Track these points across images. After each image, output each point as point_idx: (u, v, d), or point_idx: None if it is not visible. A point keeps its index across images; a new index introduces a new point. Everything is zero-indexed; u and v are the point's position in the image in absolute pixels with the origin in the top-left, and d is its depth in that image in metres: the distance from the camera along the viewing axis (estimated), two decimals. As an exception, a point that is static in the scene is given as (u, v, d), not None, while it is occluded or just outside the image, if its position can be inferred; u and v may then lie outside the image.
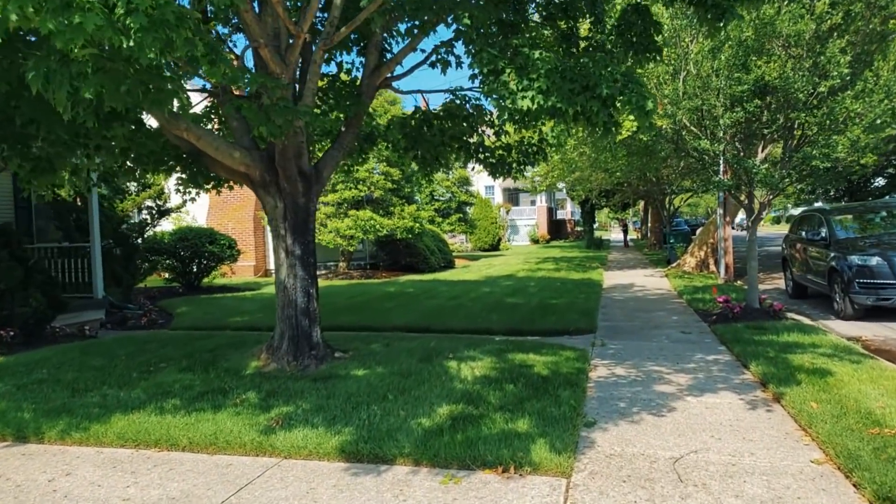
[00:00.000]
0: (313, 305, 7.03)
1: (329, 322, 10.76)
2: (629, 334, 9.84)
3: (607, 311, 12.14)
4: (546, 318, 10.82)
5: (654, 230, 36.90)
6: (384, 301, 13.51)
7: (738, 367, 7.47)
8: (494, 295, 14.29)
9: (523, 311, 11.64)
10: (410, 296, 14.44)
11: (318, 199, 7.30)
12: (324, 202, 19.15)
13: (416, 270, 21.57)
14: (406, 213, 19.16)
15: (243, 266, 21.58)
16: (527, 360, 7.32)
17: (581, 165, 24.01)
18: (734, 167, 10.31)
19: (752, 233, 11.18)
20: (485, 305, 12.53)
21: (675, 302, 13.47)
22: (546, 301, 13.09)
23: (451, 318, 10.97)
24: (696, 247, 19.86)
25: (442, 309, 12.14)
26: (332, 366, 6.88)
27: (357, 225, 18.29)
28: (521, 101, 5.77)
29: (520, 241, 50.55)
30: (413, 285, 16.90)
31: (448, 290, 15.66)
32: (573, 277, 18.84)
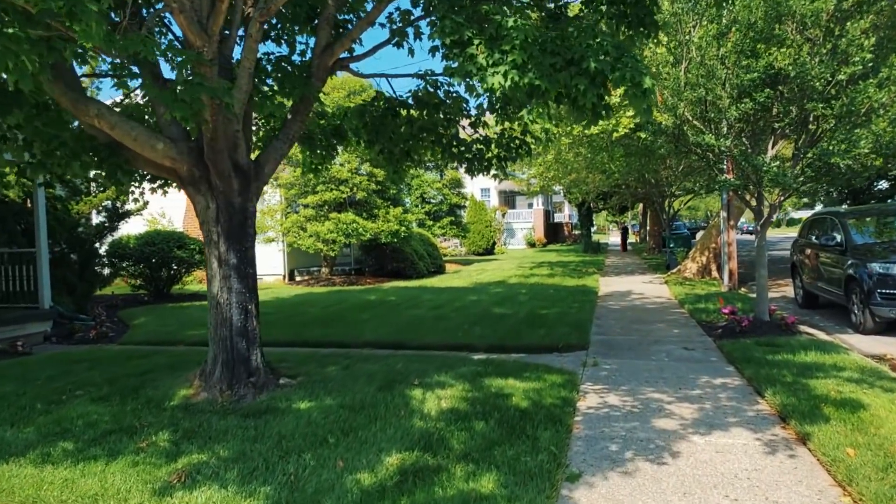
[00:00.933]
0: (252, 324, 5.98)
1: (292, 337, 9.73)
2: (625, 351, 8.79)
3: (602, 323, 11.08)
4: (534, 332, 9.76)
5: (654, 234, 35.87)
6: (360, 311, 12.45)
7: (750, 395, 6.42)
8: (481, 304, 13.23)
9: (510, 324, 10.59)
10: (390, 305, 13.39)
11: (258, 198, 6.24)
12: (304, 204, 18.11)
13: (404, 276, 20.52)
14: (391, 216, 18.12)
15: (221, 272, 20.50)
16: (505, 388, 6.26)
17: (577, 166, 22.99)
18: (741, 165, 9.27)
19: (760, 237, 10.14)
20: (469, 317, 11.48)
21: (676, 312, 12.42)
22: (536, 311, 12.03)
23: (429, 332, 9.92)
24: (698, 252, 18.82)
25: (421, 321, 11.08)
26: (272, 396, 5.82)
27: (338, 228, 17.24)
28: (491, 79, 4.73)
29: (516, 245, 49.52)
30: (396, 293, 15.84)
31: (432, 298, 14.61)
32: (567, 284, 17.79)
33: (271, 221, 18.15)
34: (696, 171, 15.92)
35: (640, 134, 14.98)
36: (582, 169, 22.45)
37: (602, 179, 25.57)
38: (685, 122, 9.75)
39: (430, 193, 27.58)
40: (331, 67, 6.32)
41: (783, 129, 9.53)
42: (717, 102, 9.13)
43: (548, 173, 23.71)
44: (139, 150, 5.60)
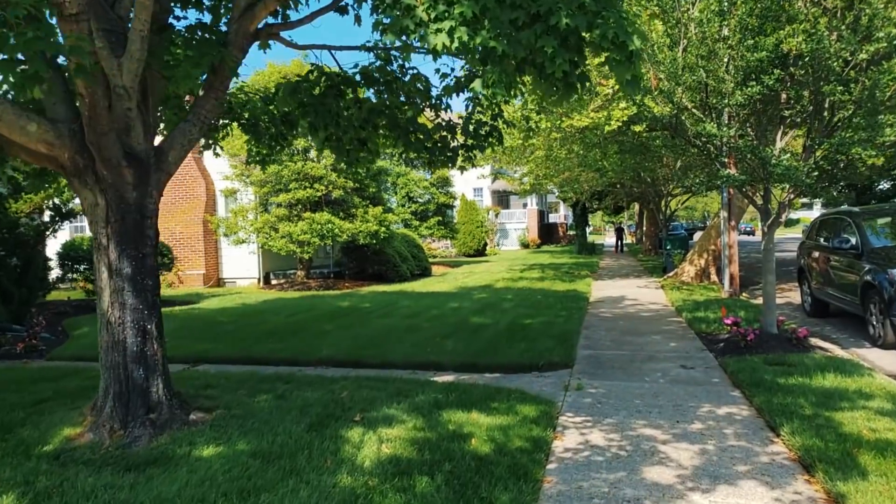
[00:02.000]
0: (152, 347, 4.86)
1: (238, 353, 8.61)
2: (615, 370, 7.69)
3: (591, 335, 9.98)
4: (513, 347, 8.65)
5: (650, 235, 34.81)
6: (327, 321, 11.33)
7: (762, 431, 5.32)
8: (460, 312, 12.12)
9: (487, 336, 9.48)
10: (362, 313, 12.27)
11: (160, 192, 5.11)
12: (276, 203, 16.98)
13: (385, 280, 19.40)
14: (370, 216, 16.99)
15: (192, 275, 19.39)
16: (466, 425, 5.15)
17: (569, 164, 21.89)
18: (747, 158, 8.18)
19: (767, 240, 9.04)
20: (444, 327, 10.37)
21: (673, 321, 11.33)
22: (519, 321, 10.93)
23: (395, 347, 8.80)
24: (696, 254, 17.74)
25: (390, 332, 9.97)
26: (174, 438, 4.70)
27: (312, 229, 16.11)
28: (433, 38, 3.64)
29: (509, 246, 48.42)
30: (372, 299, 14.72)
31: (410, 305, 13.49)
32: (557, 289, 16.68)
33: (243, 222, 17.03)
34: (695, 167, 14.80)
35: (634, 127, 13.91)
36: (574, 167, 21.35)
37: (595, 178, 24.48)
38: (683, 111, 8.65)
39: (417, 192, 26.42)
40: (255, 35, 5.20)
41: (793, 118, 8.44)
42: (719, 87, 8.03)
43: (538, 171, 22.61)
44: (6, 133, 4.49)
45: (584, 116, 15.20)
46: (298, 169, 16.36)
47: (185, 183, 19.50)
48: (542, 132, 16.25)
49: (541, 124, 15.74)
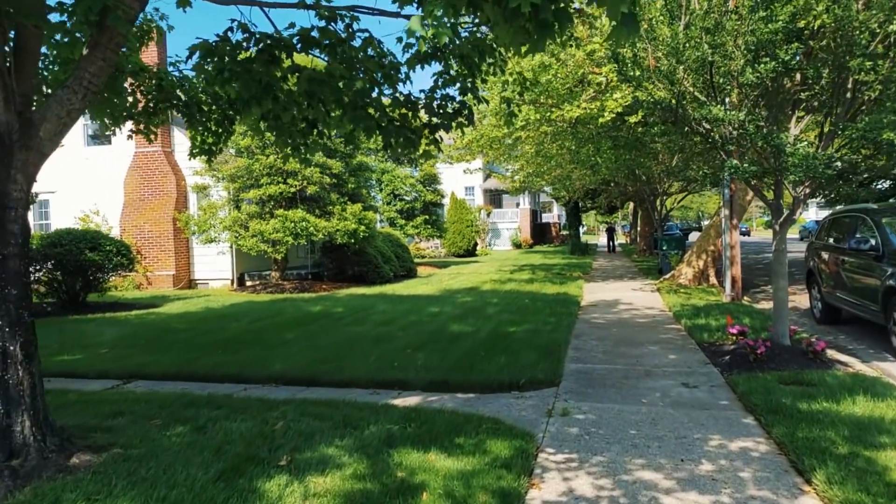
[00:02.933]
0: (15, 374, 3.80)
1: (180, 366, 7.57)
2: (607, 388, 6.67)
3: (581, 345, 8.96)
4: (492, 361, 7.62)
5: (644, 235, 33.86)
6: (291, 328, 10.27)
7: (786, 475, 4.32)
8: (439, 319, 11.08)
9: (465, 348, 8.44)
10: (332, 320, 11.21)
11: (31, 177, 4.04)
12: (246, 199, 15.91)
13: (366, 281, 18.34)
14: (349, 214, 15.92)
15: (161, 276, 18.29)
16: (419, 471, 4.12)
17: (560, 160, 20.88)
18: (758, 146, 7.17)
19: (779, 240, 8.04)
20: (418, 336, 9.33)
21: (671, 329, 10.33)
22: (502, 329, 9.90)
23: (358, 361, 7.76)
24: (694, 255, 16.75)
25: (357, 342, 8.92)
26: (38, 491, 3.64)
27: (285, 227, 15.04)
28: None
29: (502, 246, 47.43)
30: (348, 303, 13.67)
31: (386, 310, 12.45)
32: (547, 292, 15.66)
33: (212, 219, 15.95)
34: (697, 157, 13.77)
35: (630, 118, 12.89)
36: (566, 163, 20.35)
37: (588, 175, 23.50)
38: (684, 95, 7.63)
39: (403, 190, 25.33)
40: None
41: (809, 101, 7.44)
42: (726, 65, 7.02)
43: (528, 168, 21.60)
44: None
45: (576, 107, 14.18)
46: (271, 163, 15.29)
47: (155, 178, 18.41)
48: (532, 125, 15.23)
49: (529, 116, 14.73)
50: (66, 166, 19.20)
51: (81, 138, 19.22)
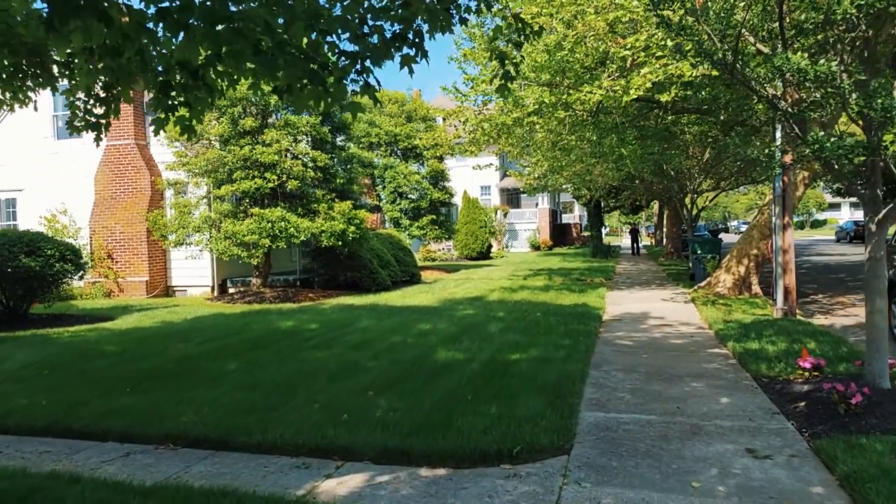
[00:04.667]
0: None
1: (55, 417, 5.62)
2: (640, 458, 4.62)
3: (602, 380, 6.88)
4: (479, 411, 5.57)
5: (671, 236, 31.50)
6: (239, 354, 8.31)
7: None
8: (427, 341, 9.05)
9: (448, 387, 6.39)
10: (296, 342, 9.24)
11: None
12: (217, 196, 14.03)
13: (360, 289, 16.36)
14: (336, 212, 13.95)
15: (134, 283, 16.48)
16: None
17: (580, 153, 18.71)
18: (852, 112, 5.04)
19: (875, 245, 5.88)
20: (392, 368, 7.31)
21: (716, 355, 8.21)
22: (502, 357, 7.85)
23: (297, 409, 5.75)
24: (734, 260, 14.52)
25: (308, 378, 6.92)
26: None
27: (261, 228, 13.12)
28: None
29: (519, 248, 45.26)
30: (327, 317, 11.69)
31: (369, 326, 10.46)
32: (563, 302, 13.57)
33: (183, 220, 14.08)
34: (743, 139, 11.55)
35: (661, 96, 10.74)
36: (586, 156, 18.20)
37: (611, 170, 21.29)
38: (740, 45, 5.50)
39: (407, 187, 23.31)
40: None
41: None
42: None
43: (545, 162, 19.46)
44: None
45: (597, 87, 12.06)
46: (245, 155, 13.39)
47: (127, 175, 16.61)
48: (546, 109, 13.11)
49: (543, 98, 12.64)
50: (34, 162, 17.52)
51: (51, 131, 17.52)
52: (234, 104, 13.50)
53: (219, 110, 13.48)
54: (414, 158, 24.48)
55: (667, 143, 18.07)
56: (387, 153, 23.89)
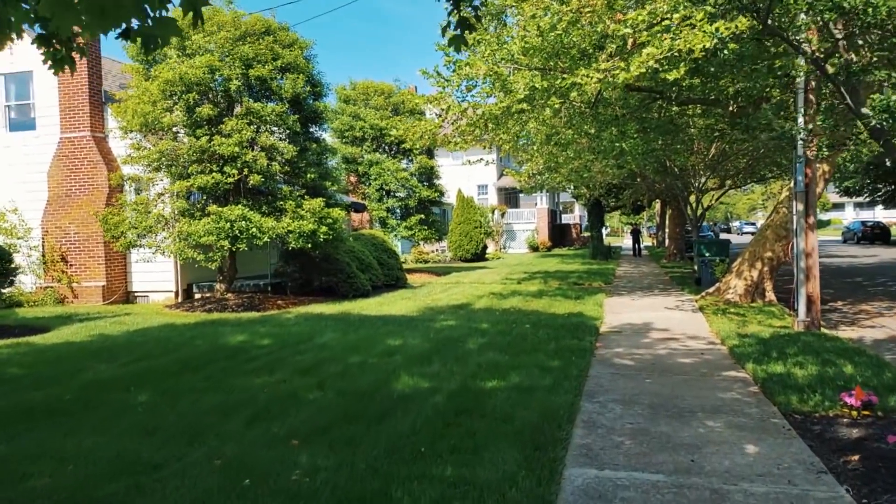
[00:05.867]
0: None
1: None
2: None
3: (596, 419, 5.50)
4: (431, 472, 4.19)
5: (674, 237, 30.10)
6: (158, 382, 6.92)
7: None
8: (391, 363, 7.67)
9: (395, 434, 5.01)
10: (238, 362, 7.87)
11: None
12: (170, 193, 12.65)
13: (336, 295, 14.98)
14: (305, 211, 12.57)
15: (89, 288, 15.11)
16: None
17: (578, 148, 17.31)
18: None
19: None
20: (333, 404, 5.94)
21: (734, 380, 6.84)
22: (475, 385, 6.47)
23: (193, 467, 4.37)
24: (746, 263, 13.13)
25: (226, 418, 5.55)
26: None
27: (219, 228, 11.74)
28: None
29: (517, 249, 43.87)
30: (286, 330, 10.32)
31: (330, 342, 9.09)
32: (557, 310, 12.20)
33: (136, 218, 12.70)
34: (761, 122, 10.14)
35: (665, 75, 9.35)
36: (584, 150, 16.81)
37: (611, 167, 19.87)
38: None
39: (394, 185, 21.87)
40: None
41: None
42: None
43: (540, 158, 18.08)
44: None
45: (594, 70, 10.66)
46: (203, 146, 12.01)
47: (83, 170, 15.24)
48: (538, 96, 11.71)
49: (534, 83, 11.25)
50: (-17, 156, 16.13)
51: (3, 122, 16.15)
52: (190, 89, 12.12)
53: (173, 96, 12.11)
54: (402, 154, 23.07)
55: (671, 137, 16.69)
56: (372, 148, 22.50)
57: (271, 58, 12.76)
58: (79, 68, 16.51)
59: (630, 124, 15.17)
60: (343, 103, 22.28)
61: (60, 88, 15.25)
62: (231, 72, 12.16)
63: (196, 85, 12.12)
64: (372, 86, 22.02)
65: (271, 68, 12.65)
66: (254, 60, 12.55)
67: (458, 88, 11.58)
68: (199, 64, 11.86)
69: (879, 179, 34.41)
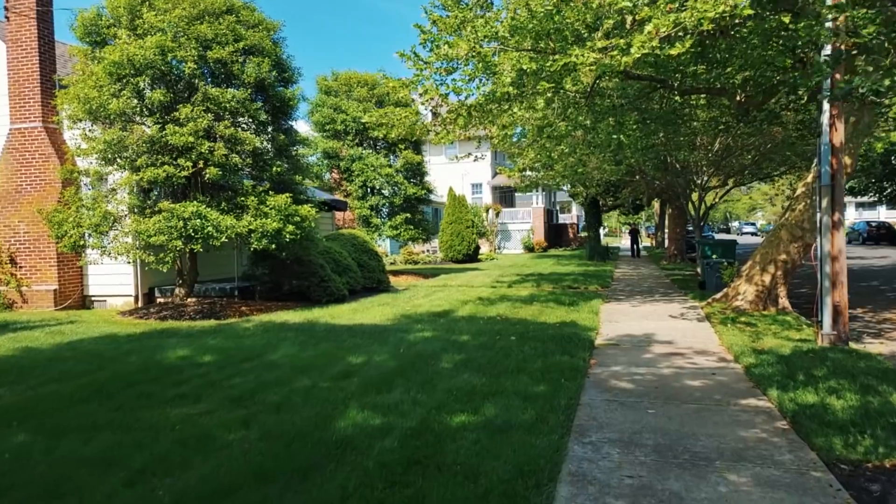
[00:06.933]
0: None
1: None
2: None
3: (586, 474, 4.29)
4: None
5: (675, 237, 28.88)
6: (53, 413, 5.70)
7: None
8: (345, 387, 6.45)
9: (328, 494, 3.78)
10: (163, 386, 6.64)
11: None
12: (120, 188, 11.39)
13: (308, 300, 13.74)
14: (269, 208, 11.34)
15: (40, 292, 13.85)
16: None
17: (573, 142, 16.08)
18: None
19: None
20: (254, 449, 4.71)
21: (753, 410, 5.62)
22: (439, 422, 5.25)
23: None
24: (758, 267, 11.91)
25: (103, 472, 4.34)
26: None
27: (171, 227, 10.50)
28: None
29: (512, 249, 42.65)
30: (239, 342, 9.09)
31: (281, 359, 7.86)
32: (547, 319, 10.98)
33: (80, 216, 11.44)
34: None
35: (670, 50, 8.11)
36: (579, 143, 15.59)
37: (608, 163, 18.65)
38: None
39: (378, 181, 20.55)
40: None
41: None
42: None
43: (531, 152, 16.85)
44: None
45: (588, 50, 9.42)
46: (153, 136, 10.77)
47: (34, 164, 13.99)
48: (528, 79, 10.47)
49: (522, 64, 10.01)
50: (-73, 149, 14.84)
51: (-50, 113, 14.86)
52: (140, 72, 10.87)
53: (121, 80, 10.85)
54: (387, 149, 21.80)
55: (672, 130, 15.48)
56: (355, 143, 21.23)
57: (233, 39, 11.51)
58: (29, 52, 15.26)
59: (629, 115, 13.99)
60: (324, 95, 21.03)
61: (10, 75, 14.00)
62: (186, 53, 10.90)
63: (147, 68, 10.87)
64: (355, 76, 20.77)
65: (232, 50, 11.40)
66: (213, 42, 11.30)
67: (437, 73, 10.33)
68: (150, 45, 10.62)
69: (887, 178, 33.17)
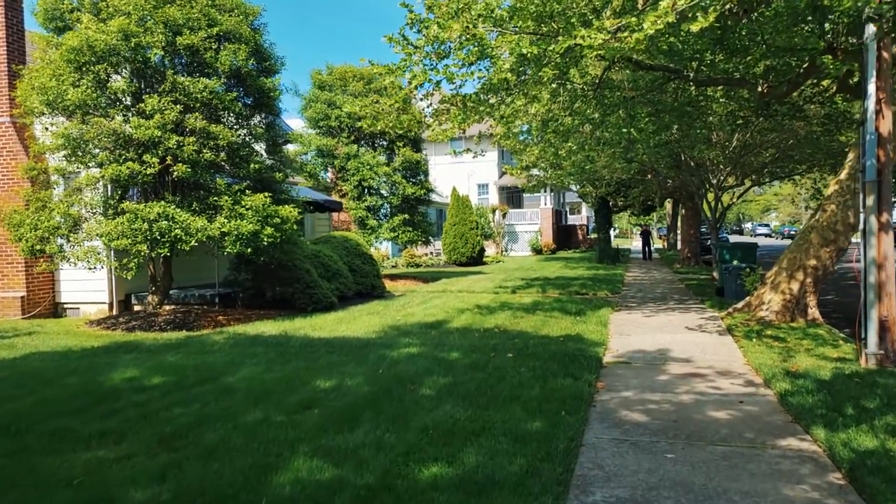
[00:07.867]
0: None
1: None
2: None
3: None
4: None
5: (688, 239, 27.66)
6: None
7: None
8: (302, 421, 5.42)
9: None
10: (87, 419, 5.64)
11: None
12: (77, 187, 10.40)
13: (292, 308, 12.71)
14: (245, 209, 10.32)
15: (7, 298, 12.90)
16: None
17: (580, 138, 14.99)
18: None
19: None
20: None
21: (798, 457, 4.52)
22: (403, 476, 4.20)
23: None
24: (784, 273, 10.76)
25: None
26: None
27: (136, 230, 9.50)
28: None
29: (519, 251, 41.50)
30: (201, 358, 8.07)
31: (238, 382, 6.84)
32: (550, 332, 9.90)
33: (41, 217, 10.47)
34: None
35: (689, 26, 7.00)
36: (587, 138, 14.50)
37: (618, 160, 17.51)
38: None
39: (375, 181, 19.46)
40: None
41: None
42: None
43: (535, 149, 15.76)
44: None
45: (595, 31, 8.32)
46: (115, 129, 9.78)
47: (1, 161, 13.05)
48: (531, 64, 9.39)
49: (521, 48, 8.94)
50: None
51: (-85, 108, 13.94)
52: (102, 59, 9.88)
53: (82, 68, 9.87)
54: (385, 147, 20.77)
55: (687, 123, 14.36)
56: (350, 140, 20.21)
57: (206, 24, 10.50)
58: (-3, 43, 14.36)
59: (640, 108, 12.90)
60: (318, 90, 20.01)
61: (-25, 66, 13.05)
62: (153, 39, 9.91)
63: (110, 55, 9.88)
64: (351, 70, 19.75)
65: (205, 36, 10.39)
66: (183, 27, 10.29)
67: (427, 57, 9.28)
68: (112, 29, 9.63)
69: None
